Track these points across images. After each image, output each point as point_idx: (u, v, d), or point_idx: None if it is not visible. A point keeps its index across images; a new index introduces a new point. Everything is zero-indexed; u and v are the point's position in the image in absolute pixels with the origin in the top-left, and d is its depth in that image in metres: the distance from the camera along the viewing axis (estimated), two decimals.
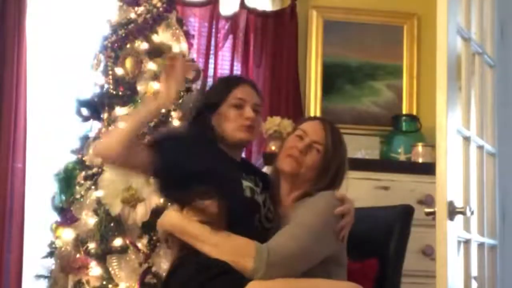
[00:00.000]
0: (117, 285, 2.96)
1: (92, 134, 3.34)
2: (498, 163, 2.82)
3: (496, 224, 2.78)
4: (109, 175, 3.05)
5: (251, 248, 2.10)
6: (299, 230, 2.17)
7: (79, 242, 3.08)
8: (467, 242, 2.47)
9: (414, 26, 4.37)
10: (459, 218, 2.31)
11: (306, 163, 2.34)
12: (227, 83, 2.47)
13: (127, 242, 3.00)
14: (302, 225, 2.19)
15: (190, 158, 2.23)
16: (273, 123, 3.77)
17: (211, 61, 4.13)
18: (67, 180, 3.27)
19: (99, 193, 3.05)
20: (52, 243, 3.22)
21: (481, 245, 2.62)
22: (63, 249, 3.11)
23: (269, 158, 3.22)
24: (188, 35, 3.50)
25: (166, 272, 2.36)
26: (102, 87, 3.32)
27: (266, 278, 2.08)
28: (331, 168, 2.34)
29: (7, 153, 3.78)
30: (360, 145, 3.95)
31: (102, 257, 3.00)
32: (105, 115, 3.29)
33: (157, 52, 3.31)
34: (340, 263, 2.31)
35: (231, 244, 2.14)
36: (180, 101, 3.20)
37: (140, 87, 3.25)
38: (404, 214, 2.68)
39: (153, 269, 3.01)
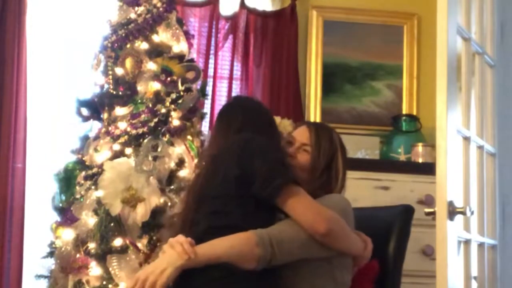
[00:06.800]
0: (117, 285, 2.95)
1: (92, 134, 3.34)
2: (498, 163, 2.82)
3: (496, 224, 2.78)
4: (109, 175, 3.05)
5: (251, 234, 2.13)
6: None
7: (79, 242, 3.07)
8: (467, 242, 2.47)
9: (414, 26, 4.37)
10: (459, 218, 2.31)
11: (298, 164, 2.41)
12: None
13: (127, 242, 2.99)
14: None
15: None
16: None
17: (211, 61, 4.13)
18: (67, 180, 3.26)
19: (99, 193, 3.04)
20: (52, 243, 3.21)
21: (481, 245, 2.62)
22: (63, 249, 3.10)
23: None
24: (188, 35, 3.49)
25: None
26: (102, 87, 3.32)
27: (272, 261, 2.12)
28: (321, 164, 2.41)
29: (7, 153, 3.78)
30: (360, 145, 3.95)
31: (102, 257, 2.99)
32: (105, 115, 3.29)
33: (157, 52, 3.30)
34: (345, 266, 2.32)
35: (230, 239, 2.14)
36: (180, 101, 3.20)
37: (140, 87, 3.25)
38: (404, 214, 2.68)
39: None
